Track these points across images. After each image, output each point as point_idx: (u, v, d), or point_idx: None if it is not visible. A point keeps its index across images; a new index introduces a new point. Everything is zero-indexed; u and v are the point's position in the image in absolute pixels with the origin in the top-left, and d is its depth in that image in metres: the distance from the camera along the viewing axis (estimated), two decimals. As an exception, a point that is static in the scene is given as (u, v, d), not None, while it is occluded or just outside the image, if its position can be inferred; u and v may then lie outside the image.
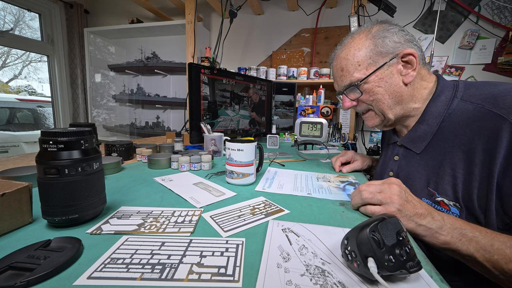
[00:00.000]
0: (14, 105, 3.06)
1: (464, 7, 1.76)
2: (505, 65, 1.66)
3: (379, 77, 0.58)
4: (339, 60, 0.63)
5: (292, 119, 1.71)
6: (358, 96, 0.61)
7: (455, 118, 0.53)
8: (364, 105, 0.63)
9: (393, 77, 0.57)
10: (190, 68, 0.99)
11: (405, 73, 0.57)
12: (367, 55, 0.58)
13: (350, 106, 0.65)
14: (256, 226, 0.42)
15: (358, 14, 1.60)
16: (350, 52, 0.60)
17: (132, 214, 0.44)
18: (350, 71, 0.60)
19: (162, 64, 2.46)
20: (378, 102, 0.60)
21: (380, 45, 0.57)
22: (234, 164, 0.62)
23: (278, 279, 0.29)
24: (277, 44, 2.26)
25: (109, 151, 0.84)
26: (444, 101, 0.55)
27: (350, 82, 0.61)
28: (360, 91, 0.60)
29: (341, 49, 0.63)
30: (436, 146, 0.56)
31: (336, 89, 0.68)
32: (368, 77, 0.58)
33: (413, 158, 0.60)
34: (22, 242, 0.34)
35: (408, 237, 0.32)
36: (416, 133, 0.60)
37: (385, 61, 0.57)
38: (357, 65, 0.59)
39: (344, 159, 0.83)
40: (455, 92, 0.55)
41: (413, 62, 0.56)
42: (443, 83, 0.58)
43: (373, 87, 0.59)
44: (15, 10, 2.71)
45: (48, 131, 0.35)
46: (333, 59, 0.67)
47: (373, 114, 0.64)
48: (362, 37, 0.60)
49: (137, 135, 2.70)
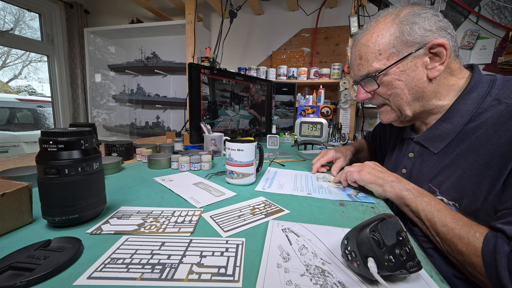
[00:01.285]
0: (14, 105, 3.06)
1: (464, 7, 1.76)
2: (505, 65, 1.66)
3: (400, 69, 0.52)
4: (358, 47, 0.57)
5: (292, 119, 1.71)
6: (375, 88, 0.56)
7: (484, 118, 0.47)
8: (380, 99, 0.58)
9: (416, 71, 0.51)
10: (190, 68, 0.99)
11: (431, 66, 0.50)
12: (390, 43, 0.51)
13: (364, 98, 0.59)
14: (256, 226, 0.42)
15: (358, 14, 1.60)
16: (372, 38, 0.54)
17: (132, 214, 0.44)
18: (369, 60, 0.54)
19: (162, 64, 2.46)
20: (396, 97, 0.54)
21: (407, 33, 0.50)
22: (234, 164, 0.62)
23: (278, 279, 0.29)
24: (277, 44, 2.26)
25: (109, 151, 0.84)
26: (475, 98, 0.49)
27: (368, 72, 0.55)
28: (377, 83, 0.54)
29: (362, 33, 0.57)
30: (456, 148, 0.51)
31: (352, 77, 0.64)
32: (388, 68, 0.52)
33: (430, 158, 0.56)
34: (22, 242, 0.34)
35: (408, 237, 0.32)
36: (437, 131, 0.54)
37: (410, 52, 0.50)
38: (377, 53, 0.53)
39: (325, 160, 0.78)
40: (490, 89, 0.49)
41: (442, 54, 0.49)
42: (478, 77, 0.51)
43: (393, 80, 0.53)
44: (15, 10, 2.71)
45: (48, 131, 0.35)
46: (353, 44, 0.61)
47: (388, 109, 0.58)
48: (388, 21, 0.52)
49: (137, 135, 2.70)
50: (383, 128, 0.86)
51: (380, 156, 0.90)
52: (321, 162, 0.78)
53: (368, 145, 0.98)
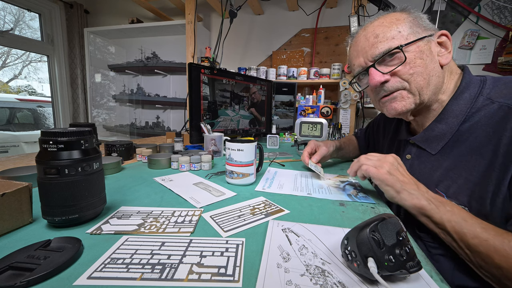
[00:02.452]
0: (14, 105, 3.06)
1: (464, 7, 1.76)
2: (505, 65, 1.66)
3: (420, 49, 0.51)
4: (372, 28, 0.54)
5: (292, 119, 1.71)
6: (396, 65, 0.51)
7: (477, 118, 0.48)
8: (398, 81, 0.53)
9: (431, 54, 0.51)
10: (190, 68, 0.99)
11: (442, 53, 0.52)
12: (407, 25, 0.52)
13: (380, 81, 0.53)
14: (256, 226, 0.42)
15: (358, 14, 1.60)
16: (388, 20, 0.53)
17: (132, 214, 0.44)
18: (389, 37, 0.51)
19: (162, 64, 2.45)
20: (419, 76, 0.51)
21: (420, 20, 0.52)
22: (234, 164, 0.62)
23: (278, 279, 0.29)
24: (277, 44, 2.25)
25: (109, 151, 0.84)
26: (468, 99, 0.51)
27: (389, 47, 0.51)
28: (405, 56, 0.50)
29: (372, 21, 0.56)
30: (454, 148, 0.51)
31: (358, 65, 0.57)
32: (411, 43, 0.50)
33: (428, 159, 0.56)
34: (22, 242, 0.34)
35: (408, 237, 0.32)
36: (433, 132, 0.55)
37: (427, 34, 0.51)
38: (397, 31, 0.51)
39: (309, 148, 0.79)
40: (481, 89, 0.50)
41: (448, 44, 0.52)
42: (468, 78, 0.52)
43: (415, 58, 0.51)
44: (15, 10, 2.71)
45: (48, 131, 0.35)
46: (360, 30, 0.58)
47: (405, 94, 0.53)
48: (397, 13, 0.54)
49: (137, 135, 2.70)
50: (377, 129, 0.86)
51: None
52: (307, 152, 0.79)
53: (358, 142, 0.97)
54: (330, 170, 0.84)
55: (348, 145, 0.94)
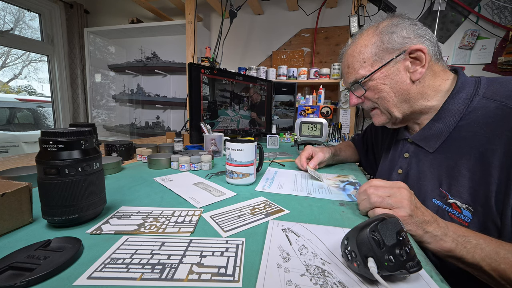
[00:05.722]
0: (14, 105, 3.06)
1: (464, 7, 1.76)
2: (505, 65, 1.66)
3: (384, 74, 0.56)
4: (346, 57, 0.63)
5: (292, 119, 1.71)
6: (363, 93, 0.61)
7: (474, 116, 0.50)
8: (370, 103, 0.62)
9: (399, 74, 0.55)
10: (190, 68, 0.99)
11: (413, 70, 0.54)
12: (372, 51, 0.57)
13: (356, 103, 0.64)
14: (256, 226, 0.42)
15: (358, 14, 1.60)
16: (357, 49, 0.59)
17: (132, 214, 0.44)
18: (356, 68, 0.59)
19: (162, 64, 2.46)
20: (383, 100, 0.58)
21: (386, 42, 0.55)
22: (234, 164, 0.62)
23: (278, 279, 0.29)
24: (277, 44, 2.26)
25: (109, 151, 0.84)
26: (464, 98, 0.52)
27: (355, 79, 0.60)
28: (363, 88, 0.59)
29: (349, 45, 0.63)
30: (451, 146, 0.53)
31: (344, 85, 0.68)
32: (372, 74, 0.57)
33: (426, 157, 0.58)
34: (22, 242, 0.34)
35: (408, 237, 0.32)
36: (430, 131, 0.57)
37: (391, 58, 0.55)
38: (362, 62, 0.58)
39: (307, 154, 0.80)
40: (477, 88, 0.52)
41: (422, 58, 0.53)
42: (463, 79, 0.54)
43: (378, 85, 0.57)
44: (15, 10, 2.71)
45: (48, 131, 0.35)
46: (342, 56, 0.67)
47: (378, 112, 0.62)
48: (370, 33, 0.58)
49: (137, 135, 2.70)
50: (375, 131, 0.87)
51: (371, 158, 0.91)
52: (305, 156, 0.80)
53: (356, 147, 0.98)
54: (330, 170, 0.84)
55: (345, 150, 0.95)
